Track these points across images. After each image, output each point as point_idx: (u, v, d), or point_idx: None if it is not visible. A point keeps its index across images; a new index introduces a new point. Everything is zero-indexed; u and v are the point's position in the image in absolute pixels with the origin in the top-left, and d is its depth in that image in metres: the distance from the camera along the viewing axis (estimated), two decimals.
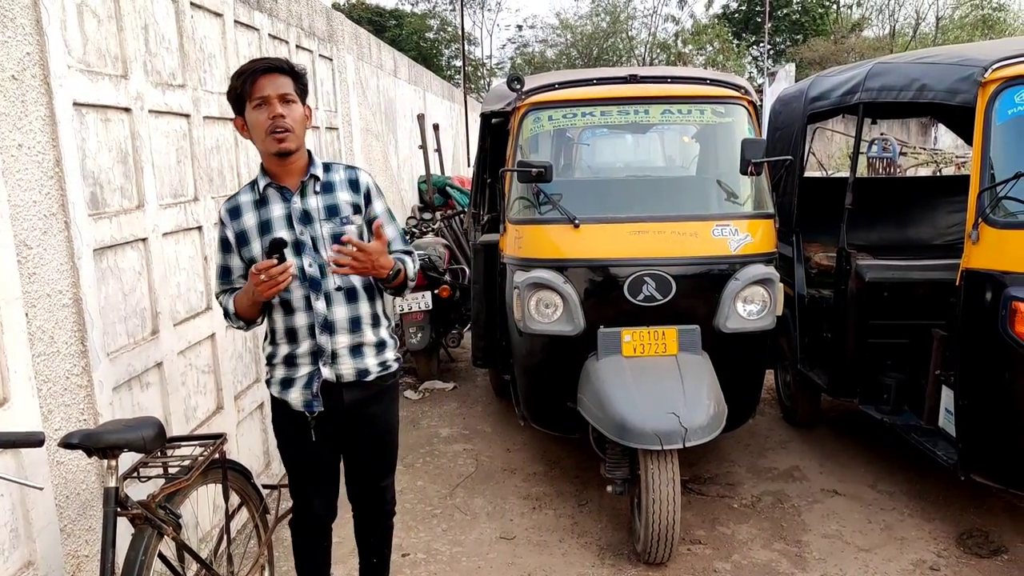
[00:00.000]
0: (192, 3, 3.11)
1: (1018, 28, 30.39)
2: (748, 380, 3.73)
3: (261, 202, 2.21)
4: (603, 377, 3.31)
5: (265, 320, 2.31)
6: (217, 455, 2.28)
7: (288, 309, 2.22)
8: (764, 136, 4.79)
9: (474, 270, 4.50)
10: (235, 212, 2.23)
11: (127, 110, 2.60)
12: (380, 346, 2.32)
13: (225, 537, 2.40)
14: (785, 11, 33.05)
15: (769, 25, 28.43)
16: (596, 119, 4.11)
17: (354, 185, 2.28)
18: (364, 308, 2.27)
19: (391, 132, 7.26)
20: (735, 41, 31.03)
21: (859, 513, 3.58)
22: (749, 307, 3.50)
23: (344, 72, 5.58)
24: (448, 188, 7.86)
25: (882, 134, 12.11)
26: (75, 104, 2.28)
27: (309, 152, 2.25)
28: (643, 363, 3.38)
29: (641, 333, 3.44)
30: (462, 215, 6.94)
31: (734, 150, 3.68)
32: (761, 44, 29.95)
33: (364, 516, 2.55)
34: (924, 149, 14.23)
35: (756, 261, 3.53)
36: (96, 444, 1.86)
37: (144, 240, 2.66)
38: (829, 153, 14.68)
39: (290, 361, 2.26)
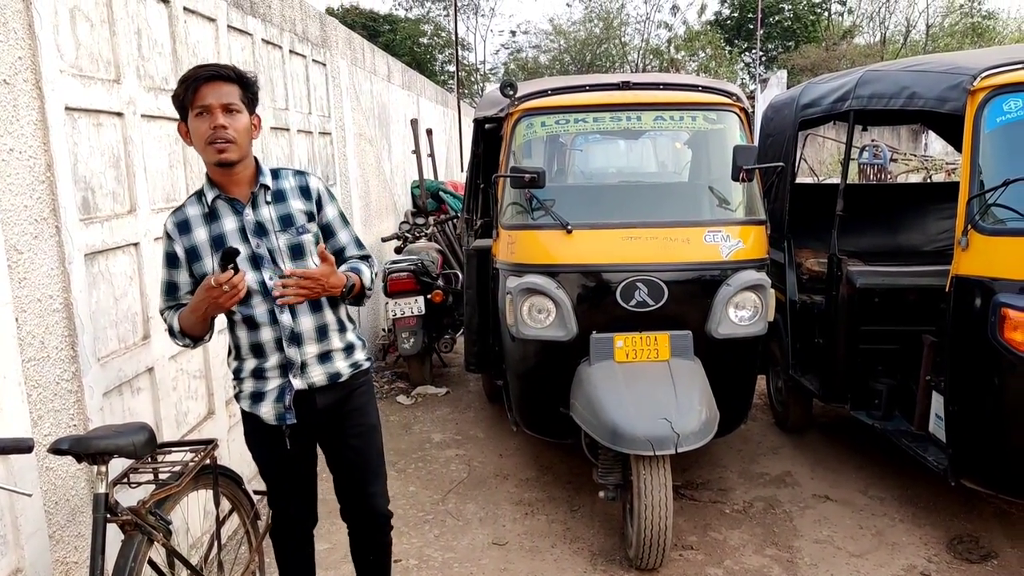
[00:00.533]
0: (185, 8, 3.11)
1: (1007, 36, 30.64)
2: (740, 385, 3.74)
3: (211, 215, 2.13)
4: (595, 383, 3.31)
5: (211, 335, 2.24)
6: (208, 461, 2.27)
7: (252, 324, 2.16)
8: (756, 142, 4.82)
9: (467, 275, 4.50)
10: (184, 226, 2.13)
11: (119, 115, 2.60)
12: (348, 349, 2.29)
13: (216, 543, 2.39)
14: (777, 18, 33.27)
15: (761, 32, 28.60)
16: (589, 125, 4.13)
17: (305, 192, 2.22)
18: (329, 316, 2.23)
19: (384, 137, 7.26)
20: (727, 48, 31.22)
21: (850, 519, 3.59)
22: (741, 313, 3.51)
23: (338, 77, 5.58)
24: (441, 193, 7.87)
25: (873, 140, 12.19)
26: (67, 108, 2.28)
27: (256, 160, 2.19)
28: (635, 368, 3.38)
29: (633, 338, 3.44)
30: (455, 220, 6.94)
31: (726, 156, 3.70)
32: (753, 50, 30.10)
33: (359, 531, 2.46)
34: (915, 155, 14.32)
35: (748, 267, 3.54)
36: (86, 450, 1.85)
37: (136, 245, 2.65)
38: (821, 159, 14.76)
39: (258, 374, 2.21)
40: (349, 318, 2.34)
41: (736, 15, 33.87)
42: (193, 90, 2.02)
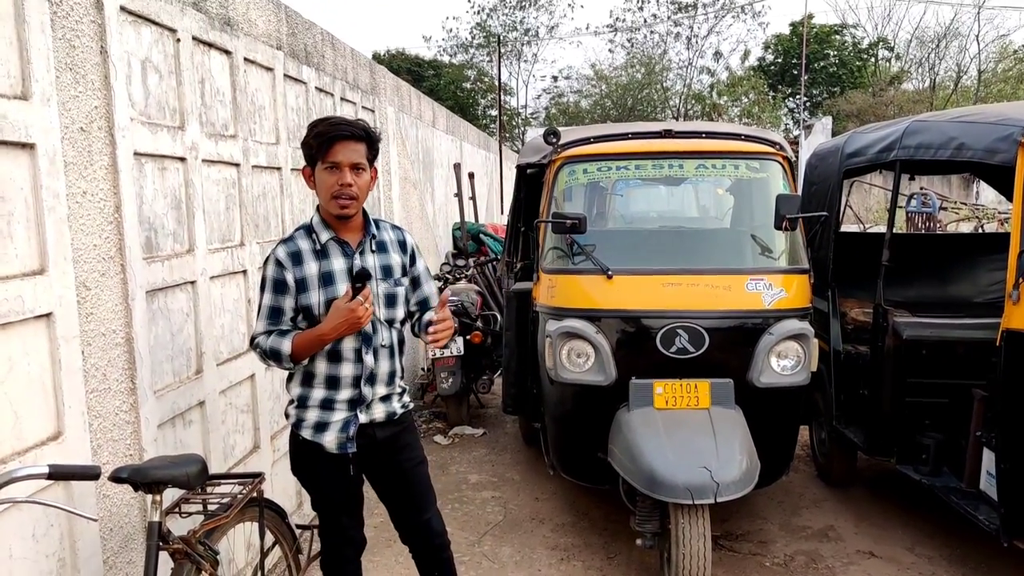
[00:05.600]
0: (246, 58, 3.27)
1: None
2: (782, 436, 3.69)
3: (321, 253, 2.29)
4: (634, 429, 3.30)
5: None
6: (255, 493, 2.33)
7: (335, 358, 2.30)
8: (799, 190, 4.81)
9: (507, 317, 4.55)
10: (296, 257, 2.27)
11: (182, 159, 2.74)
12: (401, 393, 2.50)
13: (259, 575, 2.44)
14: (822, 64, 33.21)
15: (806, 77, 28.57)
16: (630, 173, 4.18)
17: (403, 246, 2.44)
18: (397, 363, 2.44)
19: (428, 180, 7.43)
20: (771, 93, 31.21)
21: None
22: (783, 362, 3.48)
23: (385, 123, 5.76)
24: (482, 235, 7.99)
25: (922, 188, 12.00)
26: (135, 154, 2.42)
27: (364, 209, 2.37)
28: (675, 416, 3.36)
29: (673, 385, 3.43)
30: (495, 262, 7.03)
31: (768, 205, 3.71)
32: (797, 96, 30.04)
33: (423, 552, 2.56)
34: (965, 204, 14.05)
35: (790, 316, 3.52)
36: (144, 479, 1.92)
37: (193, 283, 2.77)
38: (867, 206, 14.57)
39: (327, 405, 2.33)
40: (402, 367, 2.52)
41: (780, 60, 33.95)
42: (327, 146, 2.20)
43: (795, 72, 29.75)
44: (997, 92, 27.64)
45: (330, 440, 2.33)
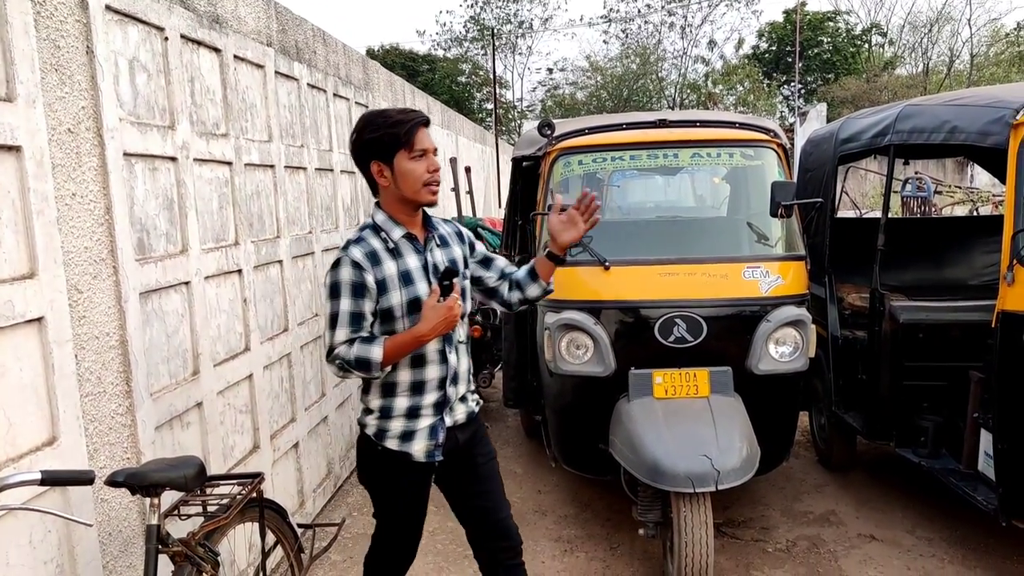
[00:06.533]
0: (236, 56, 3.26)
1: None
2: (781, 422, 3.69)
3: (395, 251, 2.18)
4: (635, 419, 3.30)
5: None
6: (255, 494, 2.32)
7: (419, 362, 2.19)
8: (795, 177, 4.80)
9: None
10: (374, 258, 2.13)
11: (173, 159, 2.72)
12: (474, 391, 2.43)
13: (261, 575, 2.43)
14: (816, 51, 33.14)
15: (800, 65, 28.52)
16: (626, 163, 4.17)
17: (460, 237, 2.37)
18: (470, 359, 2.38)
19: None
20: (766, 81, 31.15)
21: (898, 559, 3.49)
22: (781, 349, 3.48)
23: None
24: (479, 229, 7.95)
25: (917, 172, 11.99)
26: (125, 154, 2.40)
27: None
28: (675, 405, 3.36)
29: (672, 375, 3.43)
30: None
31: (764, 192, 3.70)
32: (792, 83, 29.99)
33: (497, 559, 2.40)
34: (960, 187, 14.05)
35: (788, 303, 3.52)
36: (141, 482, 1.91)
37: (187, 283, 2.76)
38: (863, 191, 14.56)
39: (412, 413, 2.21)
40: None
41: (774, 48, 33.87)
42: (413, 133, 2.13)
43: (789, 59, 29.69)
44: (990, 75, 27.64)
45: (418, 449, 2.21)
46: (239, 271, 3.19)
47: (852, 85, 28.12)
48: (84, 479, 1.71)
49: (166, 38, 2.69)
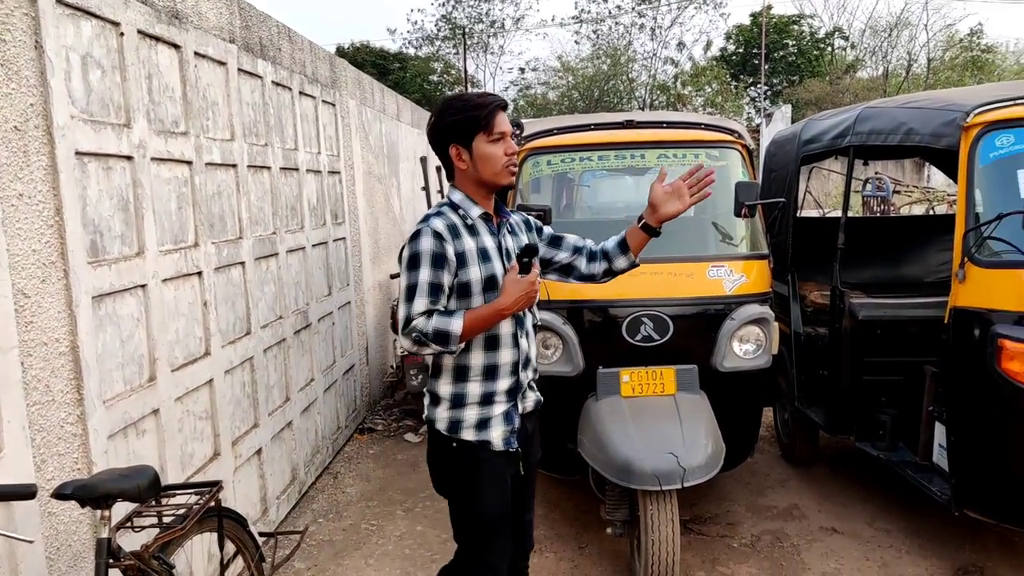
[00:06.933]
0: (196, 52, 3.19)
1: (1006, 69, 30.90)
2: (746, 419, 3.72)
3: (472, 229, 2.15)
4: (602, 418, 3.31)
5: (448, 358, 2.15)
6: (213, 503, 2.27)
7: (492, 345, 2.14)
8: (759, 177, 4.85)
9: None
10: (454, 231, 2.09)
11: (129, 158, 2.65)
12: (537, 381, 2.36)
13: None
14: (781, 53, 33.61)
15: (766, 67, 28.91)
16: (594, 163, 4.17)
17: (529, 225, 2.37)
18: (537, 344, 2.34)
19: (393, 174, 7.35)
20: (733, 83, 31.50)
21: (857, 551, 3.54)
22: (745, 346, 3.52)
23: (347, 117, 5.68)
24: None
25: (876, 173, 12.23)
26: (77, 153, 2.33)
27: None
28: (642, 403, 3.38)
29: (639, 373, 3.44)
30: None
31: (728, 193, 3.72)
32: (759, 85, 30.39)
33: (513, 561, 2.32)
34: (917, 187, 14.35)
35: (751, 301, 3.55)
36: (90, 494, 1.85)
37: (143, 287, 2.69)
38: (827, 191, 14.79)
39: (486, 400, 2.15)
40: None
41: (741, 51, 34.28)
42: (493, 116, 2.11)
43: (756, 62, 30.08)
44: (945, 79, 28.31)
45: (496, 436, 2.14)
46: (199, 273, 3.13)
47: (816, 87, 28.59)
48: (24, 493, 1.64)
49: (122, 33, 2.63)
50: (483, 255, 2.12)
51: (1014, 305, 2.84)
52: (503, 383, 2.15)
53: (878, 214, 11.96)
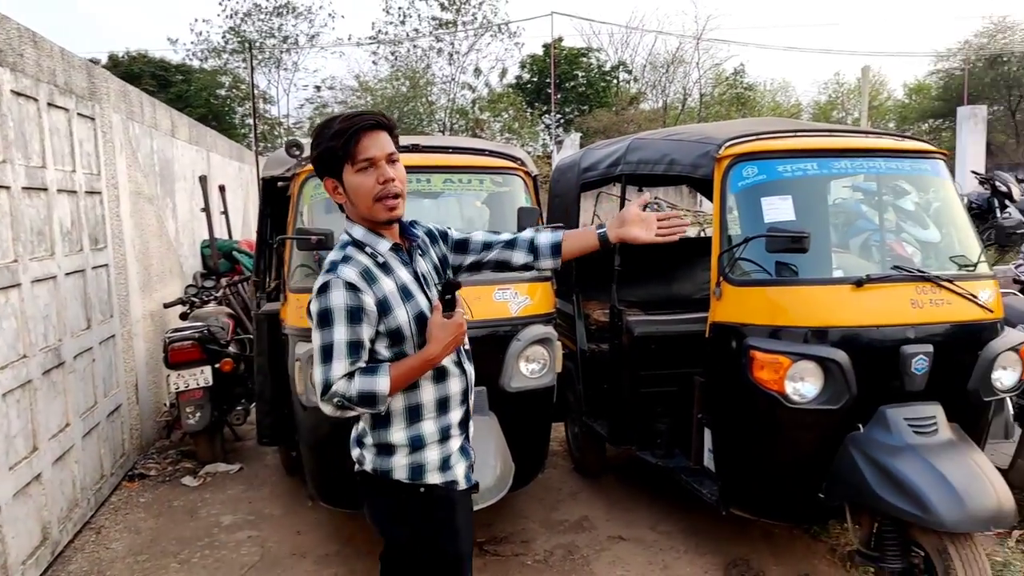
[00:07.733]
0: None
1: (766, 105, 35.29)
2: (535, 436, 3.84)
3: (385, 266, 1.94)
4: None
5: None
6: None
7: (440, 376, 1.98)
8: (544, 203, 5.06)
9: (257, 341, 4.26)
10: (368, 276, 1.89)
11: None
12: None
13: None
14: (572, 84, 35.72)
15: (558, 96, 30.58)
16: None
17: (431, 236, 2.14)
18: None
19: (168, 195, 6.79)
20: (529, 110, 32.93)
21: (641, 556, 3.77)
22: (531, 366, 3.63)
23: (109, 132, 5.16)
24: (235, 253, 7.47)
25: (656, 197, 13.34)
26: None
27: None
28: None
29: None
30: (249, 281, 6.59)
31: (513, 217, 3.85)
32: (551, 114, 32.07)
33: None
34: (690, 211, 15.88)
35: (536, 321, 3.68)
36: None
37: None
38: (615, 214, 15.87)
39: (444, 436, 1.99)
40: None
41: (535, 79, 35.97)
42: (353, 143, 1.85)
43: (548, 91, 31.72)
44: (715, 113, 31.65)
45: (460, 474, 2.02)
46: None
47: (604, 117, 30.67)
48: None
49: None
50: (405, 293, 1.95)
51: (763, 319, 3.18)
52: (455, 415, 2.03)
53: None
